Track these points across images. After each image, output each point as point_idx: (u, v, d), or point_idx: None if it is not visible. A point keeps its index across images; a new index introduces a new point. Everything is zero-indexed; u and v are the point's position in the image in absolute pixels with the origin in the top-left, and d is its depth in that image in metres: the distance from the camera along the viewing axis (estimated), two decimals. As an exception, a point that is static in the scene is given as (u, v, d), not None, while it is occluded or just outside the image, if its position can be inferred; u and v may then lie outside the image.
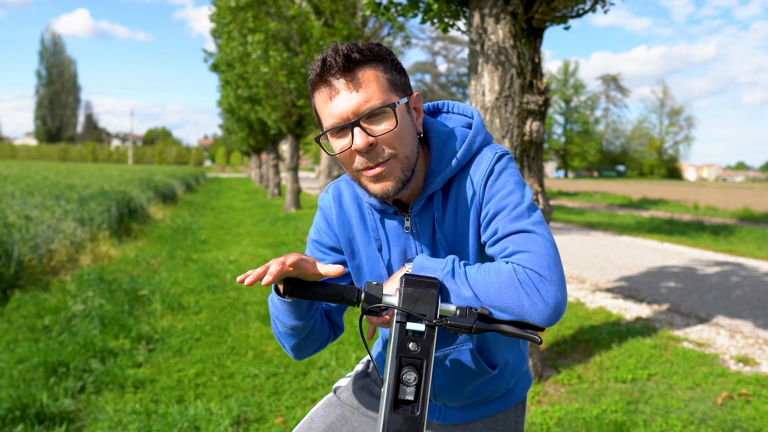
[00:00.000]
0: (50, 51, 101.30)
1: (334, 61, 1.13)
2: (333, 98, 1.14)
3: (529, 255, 1.12)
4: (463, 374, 1.34)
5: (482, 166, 1.23)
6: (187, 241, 9.63)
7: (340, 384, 1.54)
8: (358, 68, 1.14)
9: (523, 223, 1.16)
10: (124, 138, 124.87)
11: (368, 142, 1.13)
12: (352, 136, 1.13)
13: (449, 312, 1.11)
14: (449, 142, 1.26)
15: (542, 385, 3.81)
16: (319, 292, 1.11)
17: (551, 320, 1.09)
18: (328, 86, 1.14)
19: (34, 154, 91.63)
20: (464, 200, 1.24)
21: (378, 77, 1.15)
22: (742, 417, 3.36)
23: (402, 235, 1.30)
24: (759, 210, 19.22)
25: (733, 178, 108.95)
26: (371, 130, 1.14)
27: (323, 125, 1.18)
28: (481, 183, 1.22)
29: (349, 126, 1.13)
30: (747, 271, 8.24)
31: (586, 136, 74.75)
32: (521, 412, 1.48)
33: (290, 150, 16.70)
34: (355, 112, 1.13)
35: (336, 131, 1.16)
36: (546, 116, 3.63)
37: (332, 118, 1.14)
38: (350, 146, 1.15)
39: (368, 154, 1.15)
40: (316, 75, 1.15)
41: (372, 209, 1.31)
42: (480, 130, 1.27)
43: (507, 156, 1.25)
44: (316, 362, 4.05)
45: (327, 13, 8.49)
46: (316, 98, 1.18)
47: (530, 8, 3.45)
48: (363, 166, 1.16)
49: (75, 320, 4.63)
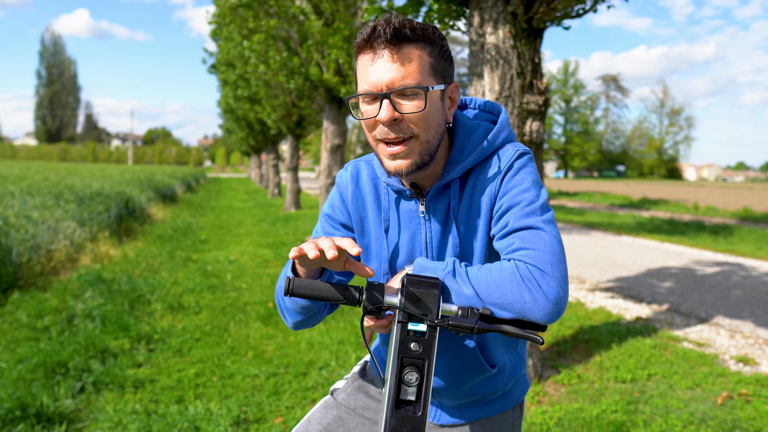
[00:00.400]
0: (50, 51, 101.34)
1: (383, 30, 1.15)
2: (372, 66, 1.17)
3: (534, 252, 1.13)
4: (463, 370, 1.34)
5: (503, 160, 1.25)
6: (187, 241, 9.63)
7: (338, 386, 1.54)
8: (405, 44, 1.16)
9: (534, 219, 1.17)
10: (124, 138, 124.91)
11: (393, 116, 1.16)
12: (380, 107, 1.16)
13: (451, 312, 1.11)
14: (473, 133, 1.29)
15: (542, 385, 3.81)
16: (321, 292, 1.11)
17: (552, 316, 1.10)
18: (372, 53, 1.17)
19: (34, 155, 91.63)
20: (480, 192, 1.26)
21: (422, 58, 1.18)
22: (742, 417, 3.36)
23: (414, 219, 1.31)
24: (759, 210, 19.22)
25: (733, 178, 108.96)
26: (399, 106, 1.17)
27: (357, 88, 1.22)
28: (500, 177, 1.24)
29: (380, 96, 1.16)
30: (747, 271, 8.24)
31: (586, 136, 74.77)
32: (519, 416, 1.48)
33: (290, 150, 16.70)
34: (389, 85, 1.15)
35: (368, 98, 1.19)
36: (546, 116, 3.63)
37: (367, 84, 1.18)
38: (375, 115, 1.17)
39: (391, 127, 1.17)
40: (363, 40, 1.18)
41: (389, 189, 1.33)
42: (504, 127, 1.30)
43: (528, 155, 1.27)
44: (316, 362, 4.05)
45: (327, 13, 8.48)
46: (358, 61, 1.21)
47: (530, 8, 3.45)
48: (383, 136, 1.19)
49: (75, 320, 4.63)
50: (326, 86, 9.12)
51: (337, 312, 5.28)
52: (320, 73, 9.02)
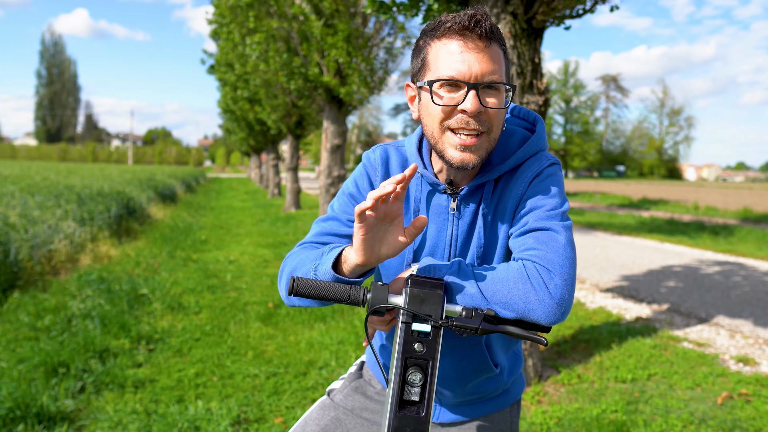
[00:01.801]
0: (51, 51, 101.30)
1: (483, 22, 1.15)
2: (462, 53, 1.15)
3: (544, 252, 1.14)
4: (469, 370, 1.35)
5: (533, 167, 1.27)
6: (187, 241, 9.63)
7: (334, 386, 1.53)
8: (495, 42, 1.18)
9: (552, 223, 1.19)
10: (124, 138, 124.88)
11: (480, 108, 1.15)
12: (465, 96, 1.15)
13: (455, 313, 1.11)
14: (512, 138, 1.30)
15: (542, 385, 3.81)
16: (326, 292, 1.11)
17: (556, 317, 1.09)
18: (464, 40, 1.15)
19: (34, 155, 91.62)
20: (508, 196, 1.27)
21: (502, 58, 1.20)
22: (742, 417, 3.36)
23: (443, 214, 1.31)
24: (759, 210, 19.22)
25: (733, 178, 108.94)
26: (483, 99, 1.16)
27: (436, 72, 1.18)
28: (527, 182, 1.26)
29: (468, 85, 1.14)
30: (747, 271, 8.24)
31: (586, 137, 74.72)
32: (516, 413, 1.49)
33: (290, 150, 16.70)
34: (478, 77, 1.15)
35: (449, 85, 1.17)
36: (546, 116, 3.62)
37: (453, 71, 1.15)
38: (457, 103, 1.16)
39: (474, 118, 1.17)
40: (457, 25, 1.15)
41: (423, 181, 1.32)
42: (541, 136, 1.32)
43: (558, 165, 1.30)
44: (316, 362, 4.05)
45: (327, 13, 8.49)
46: (438, 45, 1.18)
47: (530, 8, 3.45)
48: (460, 125, 1.17)
49: (75, 320, 4.63)
50: (326, 86, 9.12)
51: (337, 312, 5.28)
52: (320, 73, 9.02)
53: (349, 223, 1.33)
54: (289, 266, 1.27)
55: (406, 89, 1.31)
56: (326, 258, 1.17)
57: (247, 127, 22.80)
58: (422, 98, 1.23)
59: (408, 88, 1.30)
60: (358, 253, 1.09)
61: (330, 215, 1.36)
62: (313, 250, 1.28)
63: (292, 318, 5.11)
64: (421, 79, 1.22)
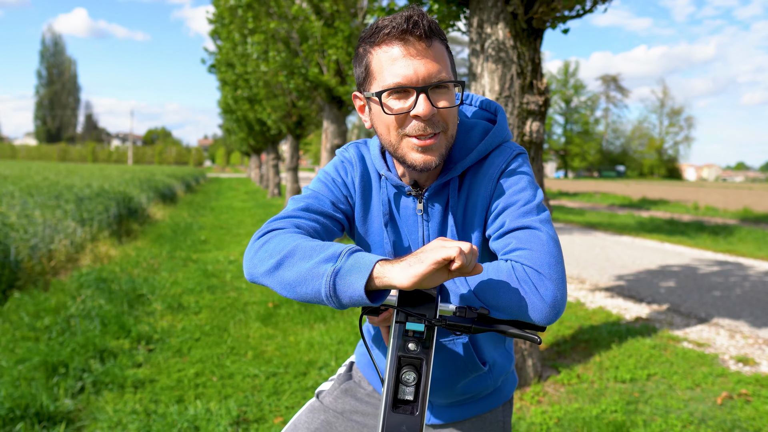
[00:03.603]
0: (50, 51, 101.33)
1: (421, 22, 1.11)
2: (405, 58, 1.12)
3: (530, 252, 1.11)
4: (457, 368, 1.34)
5: (498, 160, 1.24)
6: (187, 241, 9.63)
7: (323, 388, 1.51)
8: (436, 39, 1.14)
9: (530, 219, 1.16)
10: (124, 138, 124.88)
11: (432, 111, 1.13)
12: (415, 102, 1.12)
13: (449, 312, 1.11)
14: (472, 132, 1.27)
15: (542, 385, 3.80)
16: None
17: (549, 318, 1.09)
18: (404, 45, 1.12)
19: (34, 155, 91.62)
20: (476, 192, 1.25)
21: (446, 55, 1.17)
22: (741, 417, 3.36)
23: (411, 217, 1.29)
24: (759, 210, 19.22)
25: (732, 179, 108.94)
26: (434, 100, 1.14)
27: (382, 81, 1.14)
28: (495, 177, 1.23)
29: (417, 90, 1.12)
30: (747, 271, 8.24)
31: (586, 137, 74.75)
32: (508, 412, 1.48)
33: (290, 150, 16.70)
34: (425, 79, 1.12)
35: (397, 92, 1.14)
36: (546, 116, 3.63)
37: (398, 77, 1.12)
38: (409, 110, 1.14)
39: (428, 121, 1.14)
40: (395, 29, 1.12)
41: (387, 184, 1.30)
42: (503, 127, 1.29)
43: (523, 155, 1.27)
44: (316, 362, 4.05)
45: (327, 14, 8.49)
46: (379, 53, 1.15)
47: (530, 8, 3.45)
48: (418, 131, 1.15)
49: (74, 320, 4.63)
50: (326, 86, 9.12)
51: (337, 312, 5.28)
52: (320, 73, 9.02)
53: (331, 204, 1.29)
54: (279, 249, 1.09)
55: (354, 99, 1.27)
56: (356, 270, 0.99)
57: (247, 127, 22.80)
58: (372, 108, 1.20)
59: (356, 99, 1.27)
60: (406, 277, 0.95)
61: (309, 194, 1.30)
62: (310, 240, 1.10)
63: (291, 318, 5.11)
64: (368, 89, 1.19)
